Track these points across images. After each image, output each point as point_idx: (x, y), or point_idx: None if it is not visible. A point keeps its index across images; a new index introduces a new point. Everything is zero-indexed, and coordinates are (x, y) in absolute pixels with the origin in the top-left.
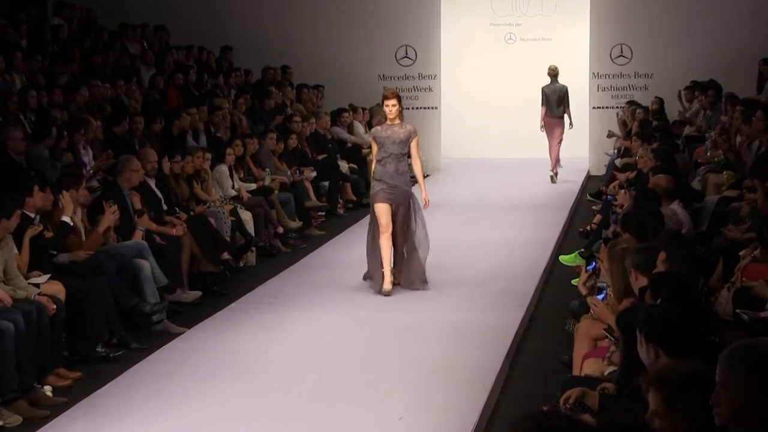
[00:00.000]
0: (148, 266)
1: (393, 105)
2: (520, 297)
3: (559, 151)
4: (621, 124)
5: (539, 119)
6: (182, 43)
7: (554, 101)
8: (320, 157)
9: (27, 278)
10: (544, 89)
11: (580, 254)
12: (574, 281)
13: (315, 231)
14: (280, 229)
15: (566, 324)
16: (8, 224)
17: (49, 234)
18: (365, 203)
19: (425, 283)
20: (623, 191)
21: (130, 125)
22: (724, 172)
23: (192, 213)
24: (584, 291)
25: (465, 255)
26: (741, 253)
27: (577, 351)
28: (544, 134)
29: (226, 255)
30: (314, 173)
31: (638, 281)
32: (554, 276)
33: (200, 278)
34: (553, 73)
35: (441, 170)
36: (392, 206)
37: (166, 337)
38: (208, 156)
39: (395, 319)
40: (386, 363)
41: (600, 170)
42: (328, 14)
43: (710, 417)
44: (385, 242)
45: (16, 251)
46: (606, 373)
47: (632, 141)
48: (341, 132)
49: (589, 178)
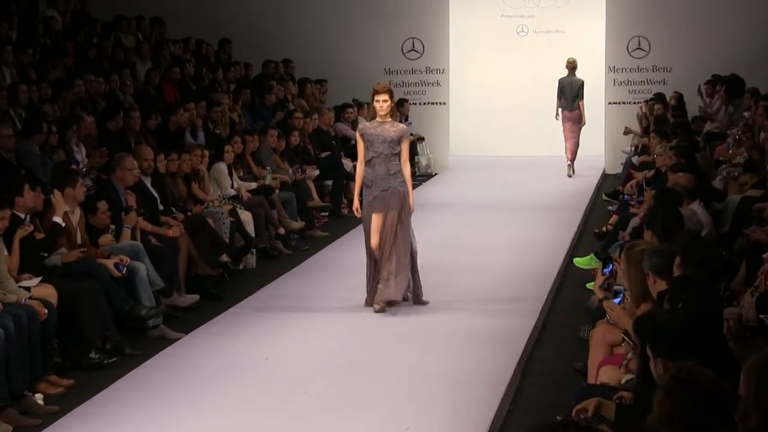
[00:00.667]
0: (144, 269)
1: (384, 100)
2: (533, 302)
3: (577, 146)
4: (639, 121)
5: (555, 109)
6: (179, 36)
7: (570, 94)
8: (323, 155)
9: (17, 281)
10: (561, 81)
11: (596, 256)
12: (589, 285)
13: (318, 232)
14: (282, 230)
15: (581, 330)
16: None
17: (40, 235)
18: None
19: (420, 297)
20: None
21: (125, 121)
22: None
23: (189, 213)
24: (600, 295)
25: (475, 257)
26: (765, 256)
27: (593, 358)
28: (560, 124)
29: (225, 257)
30: (317, 172)
31: (656, 285)
32: (568, 280)
33: (198, 281)
34: (572, 66)
35: (449, 168)
36: (381, 213)
37: (163, 343)
38: (207, 154)
39: (402, 325)
40: (392, 370)
41: (616, 169)
42: (332, 5)
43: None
44: (378, 258)
45: (6, 253)
46: (623, 382)
47: (650, 138)
48: (345, 128)
49: (605, 177)
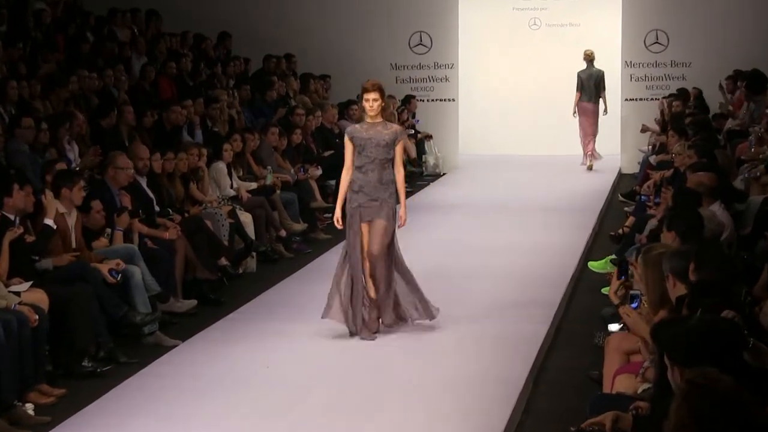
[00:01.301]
0: (139, 273)
1: (375, 99)
2: (545, 307)
3: (595, 140)
4: (663, 117)
5: (573, 105)
6: (176, 30)
7: (590, 87)
8: (327, 154)
9: (7, 286)
10: (580, 74)
11: (612, 261)
12: (605, 290)
13: (321, 234)
14: (283, 233)
15: (596, 337)
16: None
17: (31, 238)
18: None
19: (404, 319)
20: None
21: (119, 118)
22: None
23: (187, 215)
24: (616, 300)
25: (485, 261)
26: None
27: (608, 366)
28: (576, 122)
29: (224, 260)
30: (320, 171)
31: (676, 288)
32: (583, 284)
33: (195, 286)
34: (589, 58)
35: (459, 168)
36: (370, 224)
37: (159, 351)
38: (205, 153)
39: (409, 331)
40: (399, 378)
41: (633, 168)
42: None
43: None
44: (364, 273)
45: None
46: (639, 391)
47: (668, 136)
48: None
49: (621, 177)
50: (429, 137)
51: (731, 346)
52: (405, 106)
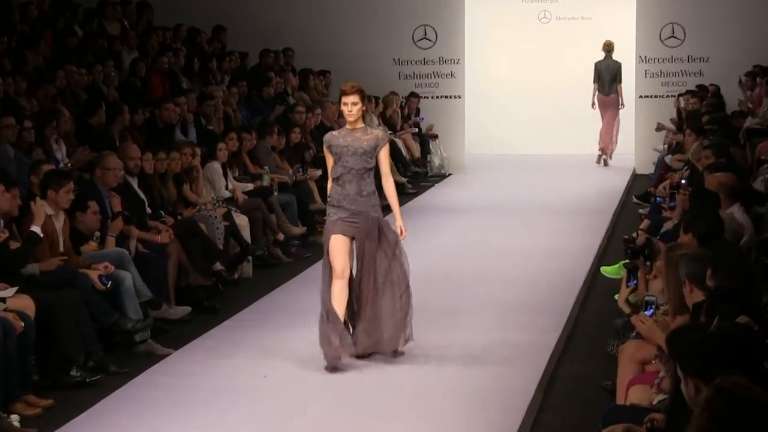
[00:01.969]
0: (130, 278)
1: (354, 103)
2: (556, 314)
3: (616, 132)
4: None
5: (591, 95)
6: (168, 23)
7: (607, 78)
8: None
9: None
10: (597, 65)
11: (625, 265)
12: (618, 296)
13: (320, 238)
14: (281, 236)
15: (609, 345)
16: None
17: (16, 244)
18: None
19: (407, 342)
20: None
21: (109, 116)
22: None
23: (180, 217)
24: (627, 309)
25: (492, 266)
26: None
27: (622, 376)
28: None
29: (219, 265)
30: (319, 172)
31: (693, 294)
32: (595, 290)
33: (189, 292)
34: (608, 49)
35: (465, 168)
36: (353, 241)
37: (151, 360)
38: (199, 152)
39: (414, 339)
40: (402, 390)
41: (648, 168)
42: None
43: None
44: (340, 291)
45: None
46: (654, 402)
47: (685, 135)
48: None
49: (636, 178)
50: (434, 136)
51: (749, 355)
52: (406, 103)
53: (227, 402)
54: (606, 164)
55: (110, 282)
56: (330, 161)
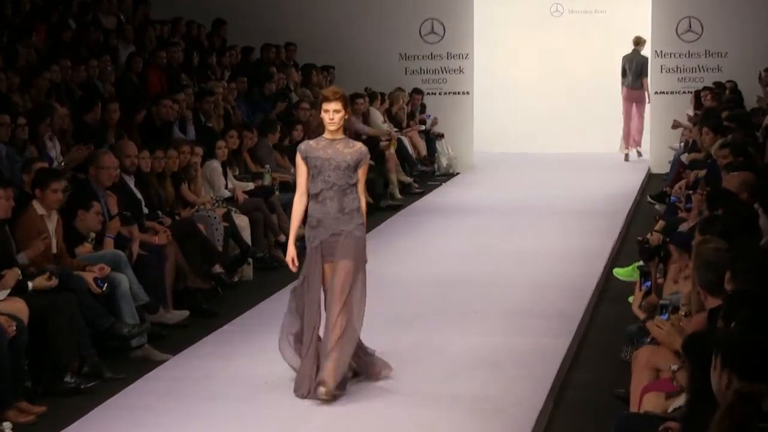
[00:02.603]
0: (126, 281)
1: (336, 111)
2: (567, 319)
3: (642, 126)
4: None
5: (620, 88)
6: (166, 16)
7: (633, 71)
8: None
9: None
10: (625, 57)
11: (639, 268)
12: (632, 299)
13: None
14: (282, 237)
15: (622, 351)
16: None
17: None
18: (383, 207)
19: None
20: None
21: (104, 113)
22: None
23: (178, 217)
24: (641, 315)
25: (501, 268)
26: None
27: (636, 383)
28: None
29: (218, 268)
30: None
31: (709, 302)
32: (608, 293)
33: (187, 295)
34: (637, 42)
35: (473, 167)
36: (335, 263)
37: (147, 366)
38: (199, 151)
39: (420, 345)
40: (407, 396)
41: (663, 167)
42: None
43: None
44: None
45: None
46: (670, 410)
47: (702, 133)
48: (355, 122)
49: (650, 177)
50: (440, 136)
51: None
52: (411, 97)
53: (227, 409)
54: (640, 155)
55: (106, 285)
56: (302, 175)
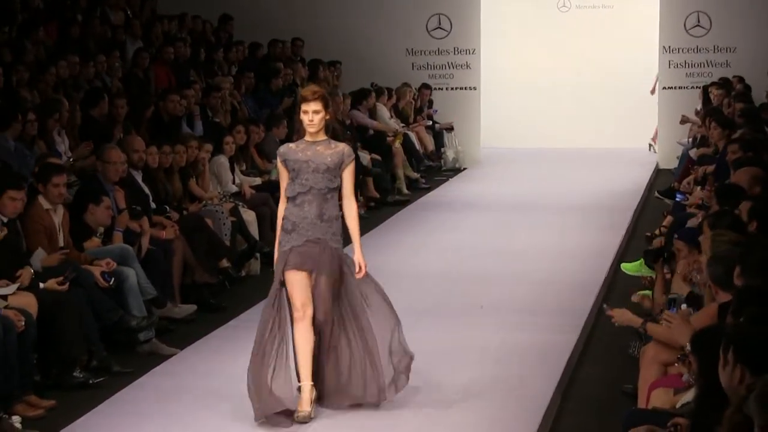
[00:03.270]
0: (134, 275)
1: (316, 111)
2: (575, 315)
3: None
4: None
5: (652, 83)
6: (173, 11)
7: None
8: None
9: None
10: None
11: (646, 263)
12: (643, 293)
13: None
14: None
15: (630, 347)
16: None
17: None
18: (390, 202)
19: (382, 393)
20: (699, 188)
21: (111, 108)
22: None
23: (185, 212)
24: (638, 321)
25: (508, 264)
26: None
27: (644, 379)
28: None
29: (226, 262)
30: None
31: (720, 297)
32: (616, 289)
33: (195, 290)
34: None
35: (480, 162)
36: (310, 275)
37: (155, 360)
38: (209, 148)
39: (428, 341)
40: (417, 392)
41: (671, 163)
42: None
43: None
44: (302, 336)
45: None
46: (678, 406)
47: (710, 128)
48: (362, 117)
49: (658, 173)
50: (450, 128)
51: None
52: (420, 94)
53: (233, 403)
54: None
55: (113, 279)
56: (285, 178)
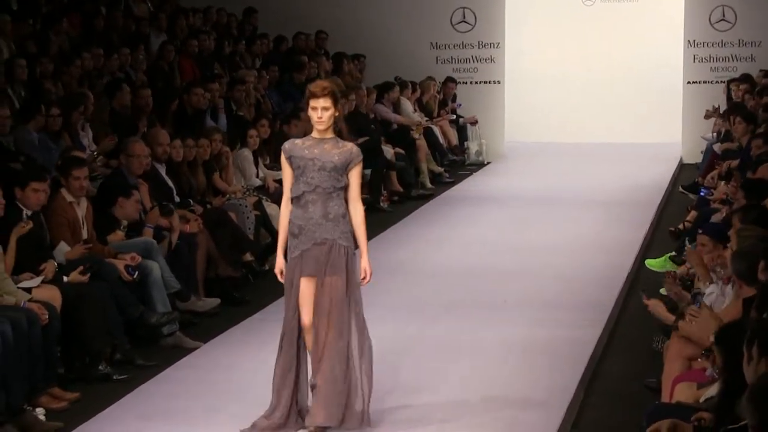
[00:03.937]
0: (158, 269)
1: (325, 108)
2: (598, 309)
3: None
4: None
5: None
6: (198, 5)
7: None
8: (361, 141)
9: (16, 282)
10: None
11: (671, 258)
12: (663, 291)
13: None
14: None
15: (654, 341)
16: None
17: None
18: (414, 196)
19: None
20: (723, 183)
21: (136, 101)
22: None
23: (209, 206)
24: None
25: (531, 258)
26: None
27: (667, 373)
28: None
29: (249, 256)
30: None
31: (743, 291)
32: (639, 284)
33: (218, 283)
34: None
35: (504, 156)
36: (318, 281)
37: (178, 353)
38: (237, 142)
39: (450, 335)
40: (439, 388)
41: (695, 157)
42: None
43: None
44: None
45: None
46: (702, 400)
47: (735, 123)
48: (386, 111)
49: (682, 167)
50: (474, 122)
51: None
52: (443, 89)
53: (256, 396)
54: None
55: (137, 273)
56: (288, 177)
